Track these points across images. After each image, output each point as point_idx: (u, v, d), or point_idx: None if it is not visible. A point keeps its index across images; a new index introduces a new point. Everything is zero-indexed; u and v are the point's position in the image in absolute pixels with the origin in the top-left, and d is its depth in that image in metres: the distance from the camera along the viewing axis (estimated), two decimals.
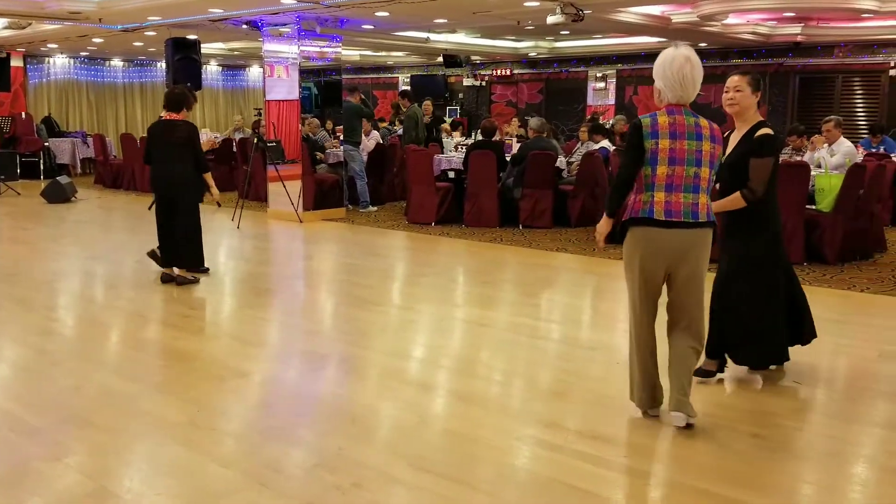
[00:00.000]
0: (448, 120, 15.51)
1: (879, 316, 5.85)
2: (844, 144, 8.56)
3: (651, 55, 15.50)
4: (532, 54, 16.57)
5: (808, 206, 7.42)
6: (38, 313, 5.78)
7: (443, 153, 11.12)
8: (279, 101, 10.63)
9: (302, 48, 10.24)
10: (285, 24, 10.22)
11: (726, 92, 4.10)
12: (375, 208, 11.17)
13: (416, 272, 7.56)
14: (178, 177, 6.44)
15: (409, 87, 18.12)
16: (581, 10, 8.47)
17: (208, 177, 6.57)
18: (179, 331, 5.43)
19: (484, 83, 18.59)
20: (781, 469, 3.27)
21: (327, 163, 11.56)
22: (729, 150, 4.07)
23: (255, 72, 20.23)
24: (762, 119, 4.11)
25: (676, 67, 3.54)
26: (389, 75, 19.98)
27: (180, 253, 6.59)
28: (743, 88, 4.05)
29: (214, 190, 6.66)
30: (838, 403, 4.12)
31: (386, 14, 9.70)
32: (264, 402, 4.06)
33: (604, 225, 3.68)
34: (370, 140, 11.99)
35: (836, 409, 4.02)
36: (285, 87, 10.56)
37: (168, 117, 6.59)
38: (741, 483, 3.12)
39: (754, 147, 3.97)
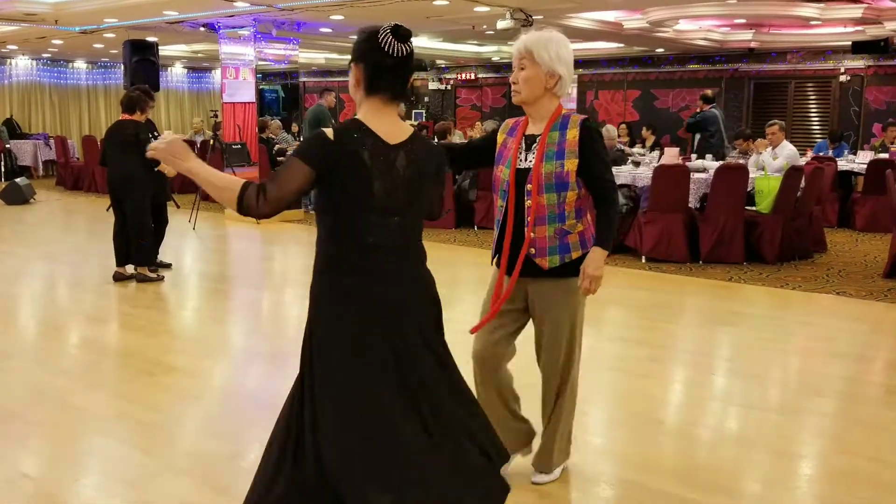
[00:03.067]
0: (415, 123, 15.63)
1: (804, 312, 6.06)
2: (787, 148, 8.81)
3: (611, 60, 15.81)
4: (495, 59, 16.76)
5: (747, 208, 7.64)
6: None
7: None
8: (241, 103, 10.69)
9: (259, 50, 10.32)
10: (242, 27, 10.29)
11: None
12: None
13: None
14: (124, 175, 6.54)
15: None
16: (530, 16, 8.64)
17: (161, 167, 6.64)
18: (120, 328, 5.51)
19: (449, 87, 18.77)
20: (722, 463, 3.40)
21: None
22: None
23: (220, 74, 20.24)
24: None
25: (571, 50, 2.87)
26: None
27: (131, 251, 6.67)
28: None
29: (165, 168, 6.72)
30: (763, 395, 4.29)
31: (341, 17, 9.82)
32: (192, 396, 4.14)
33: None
34: None
35: (766, 402, 4.18)
36: (245, 90, 10.62)
37: (122, 118, 6.71)
38: (684, 477, 3.22)
39: None
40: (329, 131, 2.17)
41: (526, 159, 2.81)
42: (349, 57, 2.33)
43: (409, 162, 2.20)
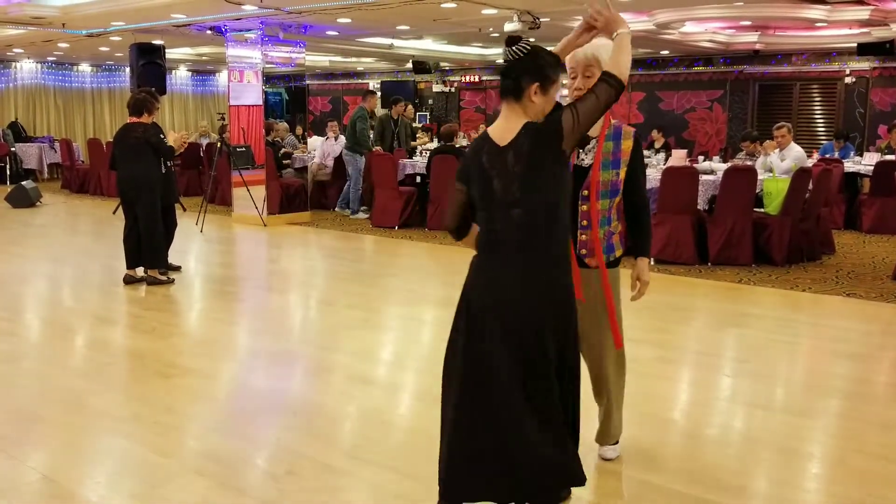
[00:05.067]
0: (419, 125, 15.63)
1: (814, 314, 6.06)
2: (794, 150, 8.82)
3: None
4: (500, 61, 16.74)
5: (756, 209, 7.65)
6: None
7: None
8: (247, 106, 10.69)
9: (266, 53, 10.34)
10: (249, 30, 10.31)
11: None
12: (366, 216, 10.62)
13: (376, 274, 7.66)
14: (136, 178, 6.56)
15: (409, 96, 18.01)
16: (537, 18, 8.66)
17: (172, 142, 6.74)
18: (132, 330, 5.52)
19: (453, 89, 18.79)
20: (732, 463, 3.39)
21: (293, 167, 11.66)
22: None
23: (225, 77, 20.24)
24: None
25: None
26: (360, 81, 20.10)
27: (142, 253, 6.70)
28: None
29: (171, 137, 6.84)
30: (773, 396, 4.29)
31: (348, 20, 9.84)
32: (208, 398, 4.16)
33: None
34: (337, 144, 12.09)
35: (778, 402, 4.18)
36: (251, 93, 10.64)
37: (130, 121, 6.74)
38: (694, 477, 3.21)
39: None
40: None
41: (578, 157, 2.97)
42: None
43: (517, 159, 2.48)
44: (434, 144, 13.21)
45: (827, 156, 11.13)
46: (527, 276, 2.50)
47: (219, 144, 10.57)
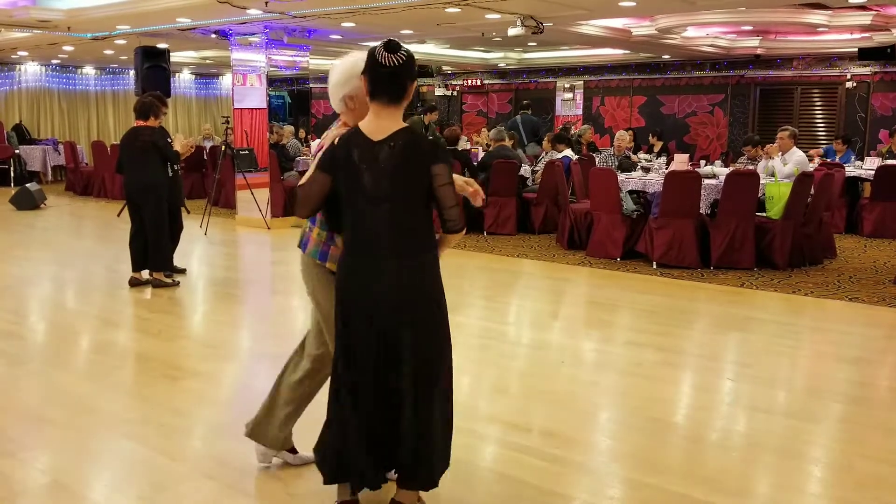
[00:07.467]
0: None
1: (817, 318, 6.08)
2: (796, 154, 8.86)
3: (617, 67, 15.86)
4: (502, 65, 16.84)
5: (758, 214, 7.67)
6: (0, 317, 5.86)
7: None
8: (251, 109, 10.74)
9: (270, 57, 10.39)
10: (254, 34, 10.36)
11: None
12: None
13: None
14: (143, 182, 6.60)
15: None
16: (541, 23, 8.70)
17: (179, 147, 6.77)
18: (139, 333, 5.55)
19: (455, 93, 18.83)
20: (735, 466, 3.42)
21: (297, 170, 11.70)
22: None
23: (228, 80, 20.29)
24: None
25: None
26: None
27: (148, 256, 6.74)
28: None
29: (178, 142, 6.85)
30: (776, 400, 4.32)
31: (352, 25, 9.88)
32: (215, 401, 4.19)
33: None
34: None
35: (781, 407, 4.21)
36: (255, 96, 10.68)
37: (137, 125, 6.77)
38: (697, 480, 3.24)
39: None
40: (337, 139, 2.64)
41: None
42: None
43: (391, 154, 2.56)
44: None
45: (828, 160, 11.15)
46: (397, 275, 2.63)
47: (223, 147, 10.62)
